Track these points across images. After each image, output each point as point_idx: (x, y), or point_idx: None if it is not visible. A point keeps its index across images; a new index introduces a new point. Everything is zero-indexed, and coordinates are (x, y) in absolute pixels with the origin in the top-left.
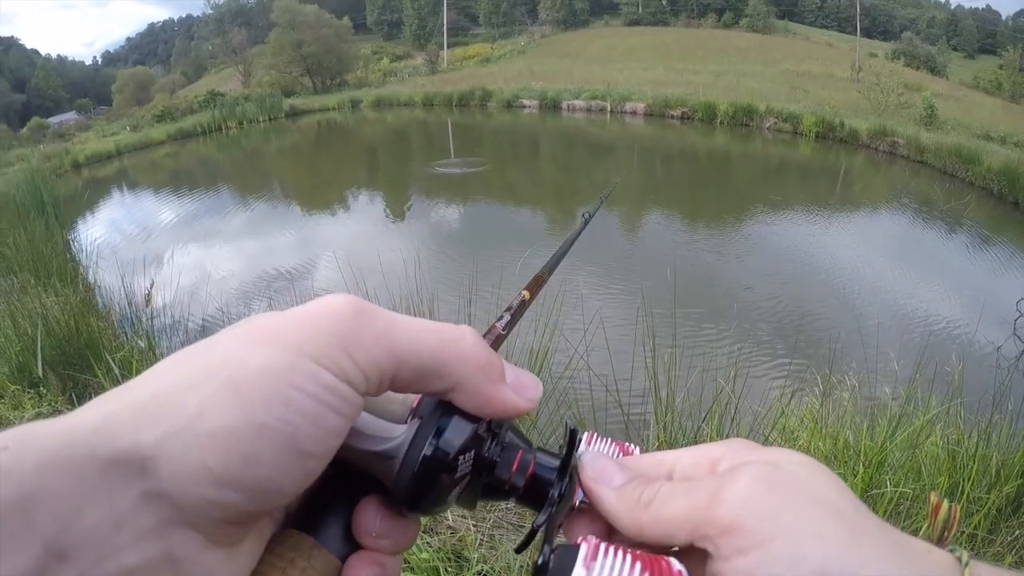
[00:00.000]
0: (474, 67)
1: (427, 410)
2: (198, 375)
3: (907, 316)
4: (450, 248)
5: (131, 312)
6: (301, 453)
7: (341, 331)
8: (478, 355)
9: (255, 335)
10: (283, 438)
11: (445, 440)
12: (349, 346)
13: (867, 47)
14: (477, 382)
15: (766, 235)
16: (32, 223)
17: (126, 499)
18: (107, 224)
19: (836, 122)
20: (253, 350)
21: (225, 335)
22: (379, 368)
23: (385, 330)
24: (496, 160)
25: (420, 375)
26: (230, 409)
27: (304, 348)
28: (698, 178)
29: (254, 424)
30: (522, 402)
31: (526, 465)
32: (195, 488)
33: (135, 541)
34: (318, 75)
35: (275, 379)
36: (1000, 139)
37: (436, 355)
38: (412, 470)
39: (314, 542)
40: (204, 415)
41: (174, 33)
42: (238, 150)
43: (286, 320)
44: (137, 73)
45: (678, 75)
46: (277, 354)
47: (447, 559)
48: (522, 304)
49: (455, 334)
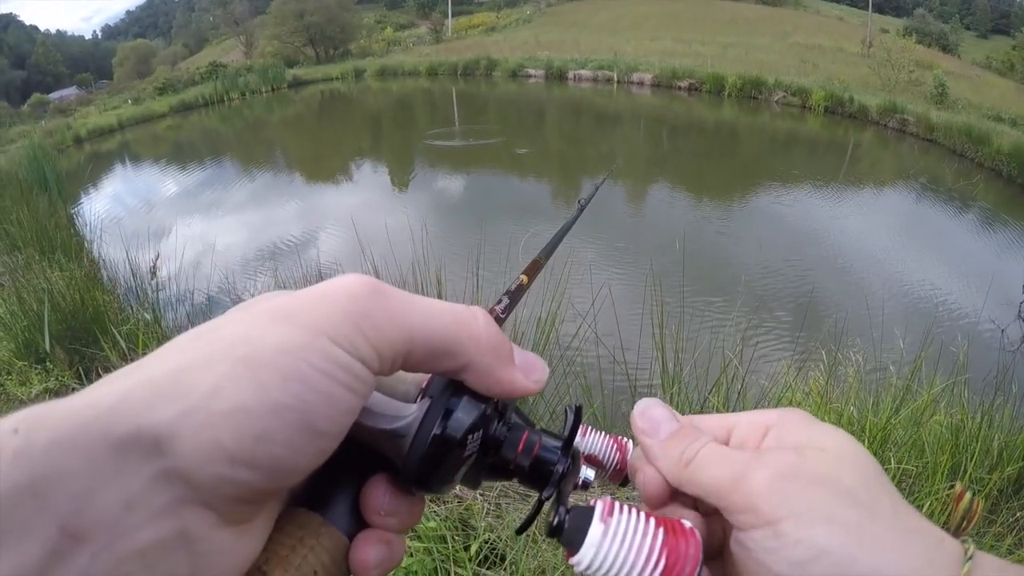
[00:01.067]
0: (479, 36)
1: (437, 389)
2: (213, 353)
3: (913, 295)
4: (455, 219)
5: (136, 285)
6: (315, 432)
7: (356, 311)
8: (490, 336)
9: (271, 313)
10: (298, 416)
11: (455, 419)
12: (364, 326)
13: (879, 22)
14: (488, 363)
15: (773, 209)
16: (36, 199)
17: (140, 478)
18: (110, 198)
19: (846, 97)
20: (269, 328)
21: (241, 312)
22: (393, 347)
23: (399, 310)
24: (502, 130)
25: (432, 355)
26: (245, 387)
27: (320, 327)
28: (706, 150)
29: (269, 403)
30: (530, 383)
31: (531, 445)
32: (209, 466)
33: (149, 520)
34: (321, 45)
35: (291, 357)
36: (1011, 120)
37: (449, 335)
38: (423, 449)
39: (322, 520)
40: (219, 393)
41: (175, 5)
42: (241, 121)
43: (301, 299)
44: (137, 46)
45: (686, 46)
46: (293, 332)
47: (454, 528)
48: (520, 288)
49: (467, 315)
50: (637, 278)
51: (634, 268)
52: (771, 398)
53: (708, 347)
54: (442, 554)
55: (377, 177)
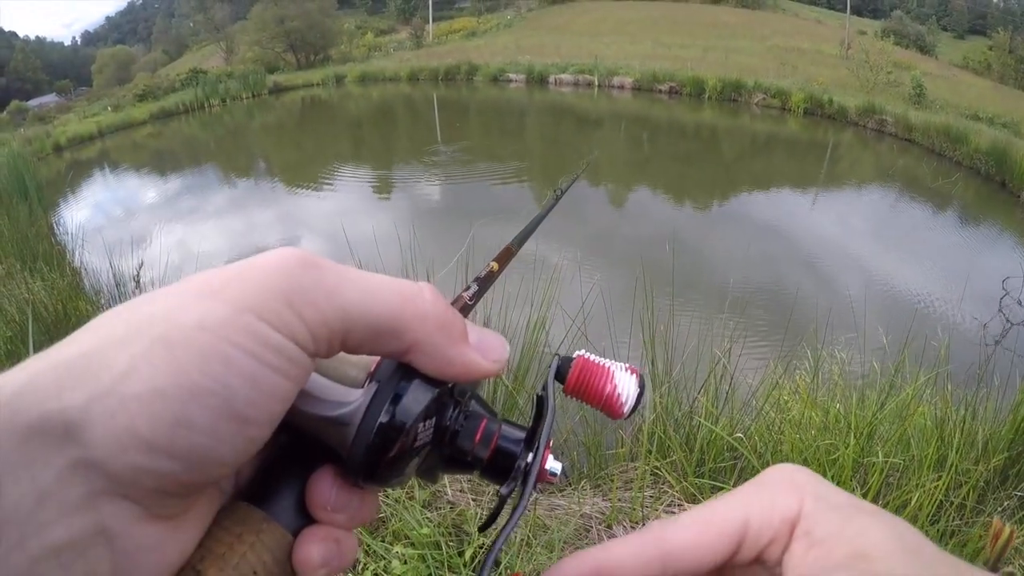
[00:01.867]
0: (460, 41)
1: (386, 374)
2: (129, 331)
3: (895, 293)
4: (435, 222)
5: (120, 293)
6: (240, 418)
7: (287, 286)
8: (438, 312)
9: (195, 289)
10: (219, 401)
11: (403, 406)
12: (296, 301)
13: (857, 25)
14: (436, 341)
15: (754, 210)
16: (15, 208)
17: (51, 469)
18: (91, 206)
19: (825, 99)
20: (190, 304)
21: (165, 289)
22: (328, 326)
23: (336, 284)
24: (482, 134)
25: (374, 334)
26: (161, 368)
27: (245, 302)
28: (687, 153)
29: (187, 385)
30: (487, 363)
31: (490, 435)
32: (124, 455)
33: (63, 515)
34: (302, 51)
35: (212, 336)
36: (988, 119)
37: (391, 312)
38: (368, 438)
39: (264, 515)
40: (132, 375)
41: (155, 11)
42: (221, 128)
43: (228, 273)
44: (117, 53)
45: (666, 50)
46: (216, 308)
47: (448, 534)
48: (490, 275)
49: (412, 290)
50: (622, 280)
51: (617, 270)
52: (759, 396)
53: (696, 348)
54: (436, 560)
55: (358, 182)
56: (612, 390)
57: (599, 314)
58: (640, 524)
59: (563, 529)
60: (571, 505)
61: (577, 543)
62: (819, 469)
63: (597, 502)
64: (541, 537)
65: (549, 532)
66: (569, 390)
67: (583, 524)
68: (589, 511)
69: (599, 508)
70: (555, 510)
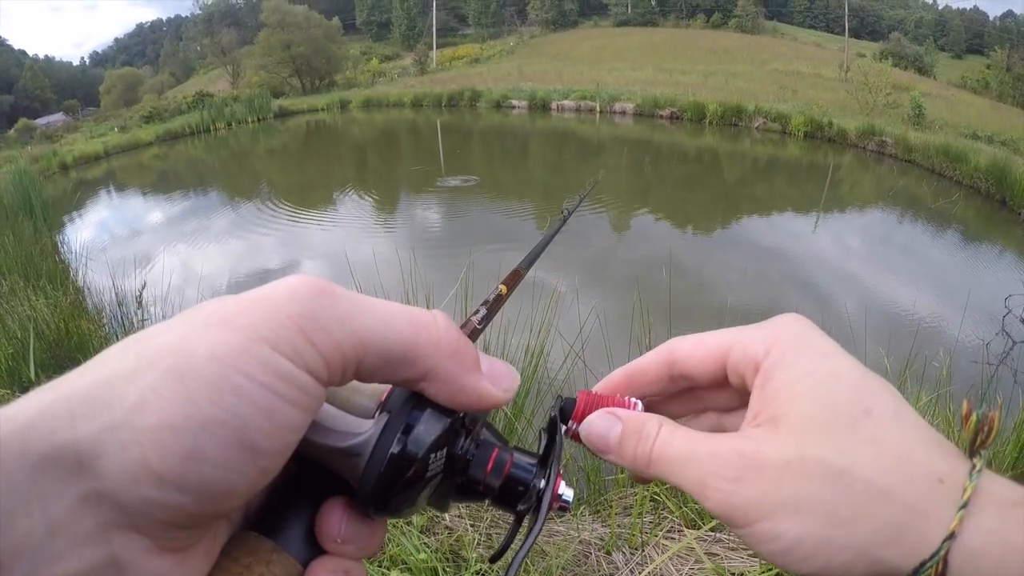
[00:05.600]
0: (463, 67)
1: (397, 403)
2: (140, 362)
3: (896, 313)
4: (440, 248)
5: (122, 314)
6: (253, 449)
7: (300, 313)
8: (451, 341)
9: (207, 318)
10: (232, 432)
11: (415, 436)
12: (309, 330)
13: (855, 47)
14: (449, 370)
15: (755, 234)
16: (20, 225)
17: (63, 501)
18: (96, 225)
19: (825, 122)
20: (202, 334)
21: (177, 318)
22: (342, 354)
23: (349, 312)
24: (486, 160)
25: (387, 362)
26: (173, 401)
27: (258, 331)
28: (688, 177)
29: (199, 417)
30: (499, 393)
31: (502, 464)
32: (136, 488)
33: (74, 547)
34: (307, 76)
35: (224, 366)
36: (987, 138)
37: (405, 340)
38: (379, 469)
39: (274, 546)
40: (144, 407)
41: (162, 34)
42: (226, 151)
43: (240, 302)
44: (125, 74)
45: (667, 75)
46: (228, 337)
47: (445, 559)
48: (499, 298)
49: (426, 318)
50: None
51: (618, 294)
52: None
53: None
54: None
55: (361, 206)
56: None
57: (596, 338)
58: (639, 550)
59: (561, 555)
60: (570, 531)
61: (575, 569)
62: None
63: (596, 528)
64: (539, 564)
65: (547, 558)
66: (577, 420)
67: (582, 550)
68: (588, 537)
69: (598, 534)
70: (554, 536)
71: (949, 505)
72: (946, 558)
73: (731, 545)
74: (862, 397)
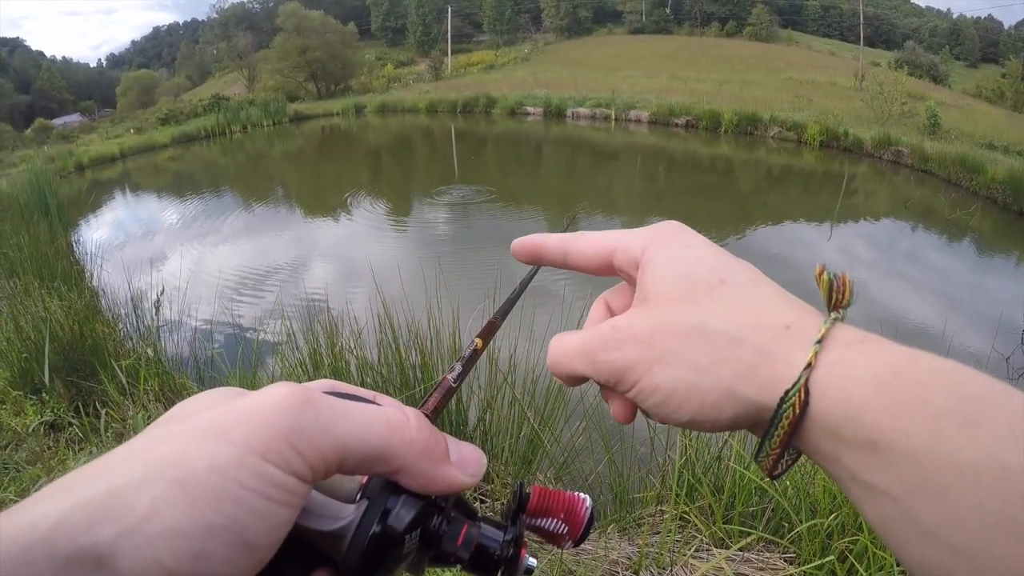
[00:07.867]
0: (478, 74)
1: (375, 490)
2: (147, 473)
3: (913, 327)
4: (455, 253)
5: (137, 318)
6: (251, 547)
7: (287, 425)
8: (423, 440)
9: (204, 430)
10: (232, 536)
11: (393, 519)
12: (294, 439)
13: (870, 56)
14: (421, 465)
15: (770, 243)
16: (36, 225)
17: None
18: (111, 226)
19: (840, 131)
20: (200, 447)
21: (176, 427)
22: (324, 459)
23: (330, 421)
24: (500, 166)
25: (365, 461)
26: (180, 509)
27: (251, 445)
28: (702, 185)
29: (204, 524)
30: (466, 479)
31: (471, 539)
32: None
33: None
34: (322, 80)
35: (222, 478)
36: (1004, 148)
37: (381, 442)
38: (361, 548)
39: None
40: (155, 516)
41: (179, 37)
42: (241, 154)
43: (233, 415)
44: (141, 76)
45: (682, 83)
46: (224, 451)
47: None
48: (474, 353)
49: (399, 420)
50: None
51: None
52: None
53: None
54: None
55: (375, 212)
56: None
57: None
58: (667, 569)
59: (590, 575)
60: (598, 551)
61: None
62: (851, 512)
63: (624, 547)
64: None
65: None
66: (532, 508)
67: (610, 570)
68: (616, 556)
69: (626, 553)
70: (581, 554)
71: (796, 346)
72: (807, 386)
73: (759, 565)
74: (718, 271)
